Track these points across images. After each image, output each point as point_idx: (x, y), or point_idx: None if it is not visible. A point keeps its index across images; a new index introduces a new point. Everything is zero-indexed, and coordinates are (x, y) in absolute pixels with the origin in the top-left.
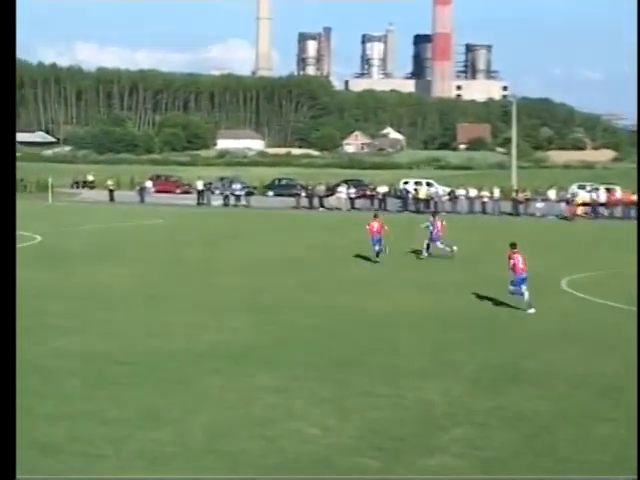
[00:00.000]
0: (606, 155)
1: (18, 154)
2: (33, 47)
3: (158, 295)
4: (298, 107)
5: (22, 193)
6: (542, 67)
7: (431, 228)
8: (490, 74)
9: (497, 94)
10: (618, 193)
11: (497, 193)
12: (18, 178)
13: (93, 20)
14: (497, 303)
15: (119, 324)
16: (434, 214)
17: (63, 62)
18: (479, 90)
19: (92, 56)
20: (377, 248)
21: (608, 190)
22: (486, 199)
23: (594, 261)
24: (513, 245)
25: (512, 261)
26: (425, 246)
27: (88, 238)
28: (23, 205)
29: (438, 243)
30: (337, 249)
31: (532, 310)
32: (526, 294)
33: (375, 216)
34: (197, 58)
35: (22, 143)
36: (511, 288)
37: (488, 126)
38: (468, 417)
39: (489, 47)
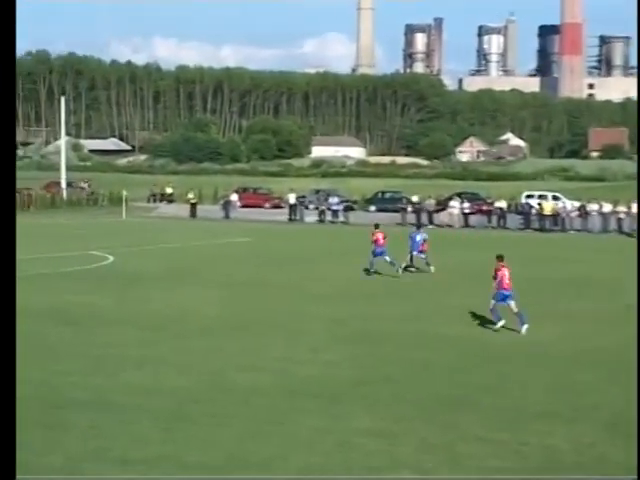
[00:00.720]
0: None
1: (87, 163)
2: (106, 44)
3: (244, 323)
4: (404, 109)
5: (92, 207)
6: None
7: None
8: (628, 70)
9: (636, 93)
10: None
11: (635, 208)
12: (88, 191)
13: (172, 14)
14: (632, 336)
15: (199, 356)
16: (376, 226)
17: (139, 60)
18: (615, 89)
19: (171, 53)
20: (388, 259)
21: None
22: (622, 215)
23: None
24: (500, 258)
25: (499, 274)
26: (408, 259)
27: (166, 258)
28: (94, 222)
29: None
30: (447, 272)
31: (525, 327)
32: (515, 308)
33: (376, 227)
34: (289, 54)
35: (93, 151)
36: (492, 303)
37: (625, 130)
38: (601, 468)
39: (627, 39)
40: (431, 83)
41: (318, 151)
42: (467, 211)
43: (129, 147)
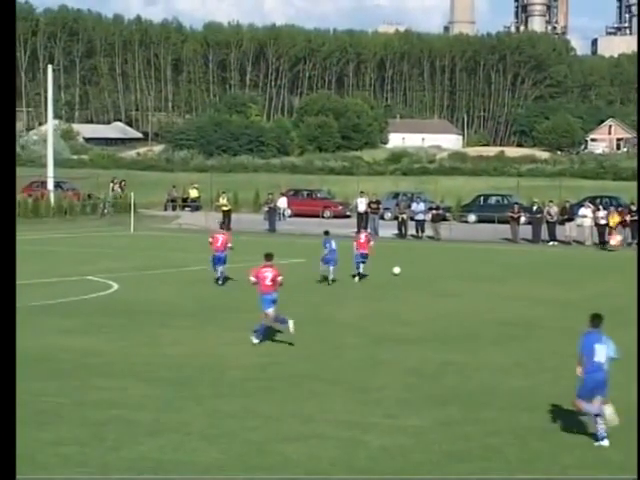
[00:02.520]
0: None
1: (84, 156)
2: None
3: (295, 377)
4: (516, 83)
5: (90, 216)
6: None
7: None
8: None
9: None
10: None
11: None
12: (85, 193)
13: None
14: None
15: (234, 420)
16: (326, 233)
17: (153, 16)
18: None
19: (196, 6)
20: (360, 266)
21: None
22: None
23: None
24: (268, 257)
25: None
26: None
27: (187, 287)
28: (93, 236)
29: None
30: (572, 307)
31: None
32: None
33: (360, 230)
34: (358, 7)
35: (91, 140)
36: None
37: None
38: None
39: None
40: (554, 46)
41: (397, 140)
42: (603, 222)
43: (139, 135)
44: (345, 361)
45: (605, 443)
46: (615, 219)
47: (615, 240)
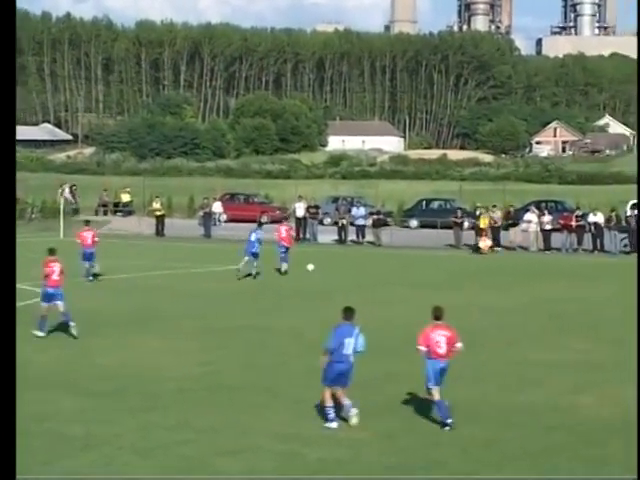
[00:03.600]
0: None
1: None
2: None
3: (229, 388)
4: (459, 83)
5: (18, 222)
6: None
7: None
8: None
9: None
10: None
11: None
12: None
13: None
14: None
15: (168, 434)
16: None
17: (83, 13)
18: None
19: (129, 3)
20: (285, 262)
21: None
22: None
23: None
24: (51, 251)
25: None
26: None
27: (118, 294)
28: (20, 242)
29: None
30: (517, 314)
31: None
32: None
33: (283, 221)
34: (296, 5)
35: (18, 142)
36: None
37: None
38: None
39: None
40: (497, 46)
41: (337, 142)
42: (548, 227)
43: (69, 136)
44: (284, 371)
45: (333, 425)
46: (485, 221)
47: (484, 244)
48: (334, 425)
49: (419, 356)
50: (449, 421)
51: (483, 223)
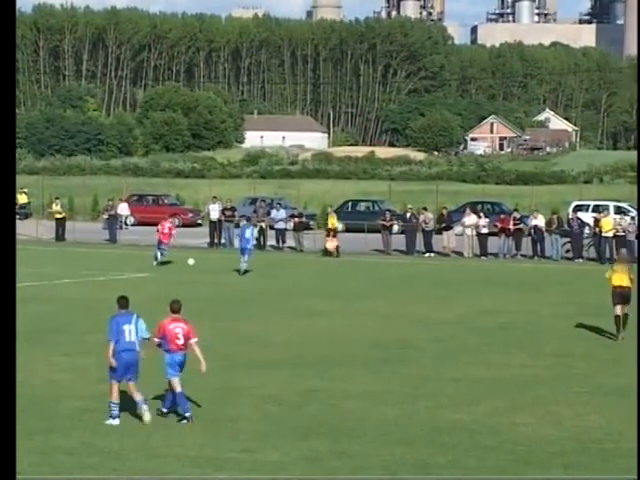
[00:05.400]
0: None
1: None
2: None
3: (135, 403)
4: (388, 75)
5: None
6: None
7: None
8: None
9: None
10: None
11: None
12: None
13: None
14: None
15: (69, 455)
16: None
17: None
18: None
19: None
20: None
21: None
22: None
23: None
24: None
25: None
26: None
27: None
28: None
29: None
30: (451, 326)
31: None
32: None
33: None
34: None
35: None
36: None
37: None
38: None
39: None
40: (429, 34)
41: (255, 138)
42: (484, 231)
43: None
44: (195, 389)
45: (115, 422)
46: (333, 221)
47: (332, 244)
48: (116, 422)
49: (343, 371)
50: (188, 414)
51: (331, 223)
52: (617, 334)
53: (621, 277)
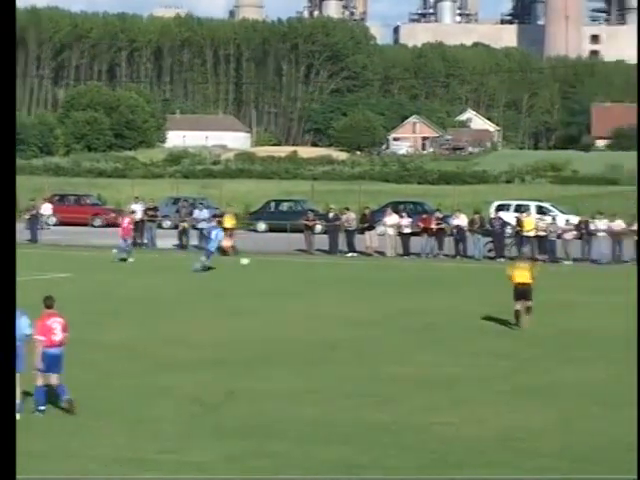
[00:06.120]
0: None
1: None
2: None
3: (54, 405)
4: (310, 75)
5: None
6: None
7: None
8: None
9: None
10: None
11: None
12: None
13: None
14: None
15: None
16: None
17: None
18: (632, 44)
19: None
20: (127, 250)
21: None
22: None
23: None
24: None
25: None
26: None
27: None
28: None
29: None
30: (374, 326)
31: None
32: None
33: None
34: None
35: None
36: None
37: None
38: None
39: None
40: (351, 34)
41: (177, 138)
42: (407, 231)
43: None
44: (116, 389)
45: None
46: (231, 221)
47: (226, 244)
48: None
49: (266, 371)
50: (42, 408)
51: (228, 222)
52: (518, 326)
53: (523, 274)
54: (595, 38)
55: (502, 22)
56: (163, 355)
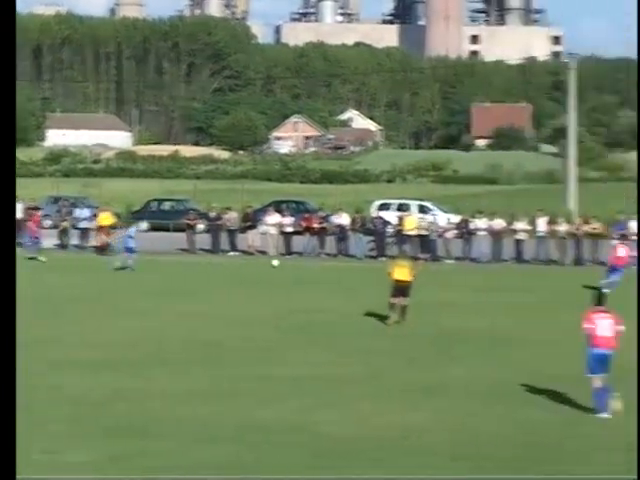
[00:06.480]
0: None
1: None
2: None
3: None
4: (192, 73)
5: None
6: (619, 5)
7: None
8: (529, 16)
9: (542, 50)
10: None
11: (543, 225)
12: None
13: None
14: None
15: None
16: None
17: None
18: (511, 44)
19: None
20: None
21: None
22: (523, 235)
23: None
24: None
25: None
26: None
27: None
28: None
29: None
30: (261, 324)
31: None
32: None
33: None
34: None
35: None
36: None
37: (527, 107)
38: None
39: None
40: (232, 33)
41: (57, 137)
42: (289, 230)
43: None
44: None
45: None
46: (109, 219)
47: (102, 241)
48: None
49: (151, 371)
50: None
51: (105, 220)
52: (389, 319)
53: (402, 272)
54: (475, 38)
55: (383, 22)
56: (51, 355)
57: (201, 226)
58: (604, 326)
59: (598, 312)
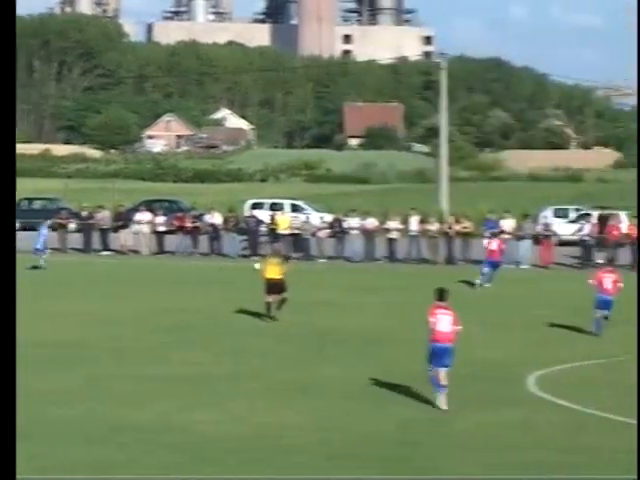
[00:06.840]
0: (603, 157)
1: None
2: None
3: None
4: (63, 71)
5: None
6: (490, 5)
7: None
8: (401, 16)
9: (414, 50)
10: (624, 223)
11: (415, 224)
12: None
13: None
14: None
15: None
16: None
17: None
18: (383, 44)
19: None
20: None
21: (603, 218)
22: (395, 234)
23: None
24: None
25: None
26: None
27: None
28: None
29: None
30: (126, 324)
31: None
32: None
33: None
34: None
35: None
36: None
37: (398, 107)
38: None
39: None
40: (104, 31)
41: None
42: (162, 229)
43: None
44: None
45: None
46: None
47: None
48: None
49: (21, 373)
50: None
51: None
52: (270, 316)
53: (273, 269)
54: (347, 38)
55: (255, 21)
56: None
57: (72, 225)
58: (444, 321)
59: (440, 308)
